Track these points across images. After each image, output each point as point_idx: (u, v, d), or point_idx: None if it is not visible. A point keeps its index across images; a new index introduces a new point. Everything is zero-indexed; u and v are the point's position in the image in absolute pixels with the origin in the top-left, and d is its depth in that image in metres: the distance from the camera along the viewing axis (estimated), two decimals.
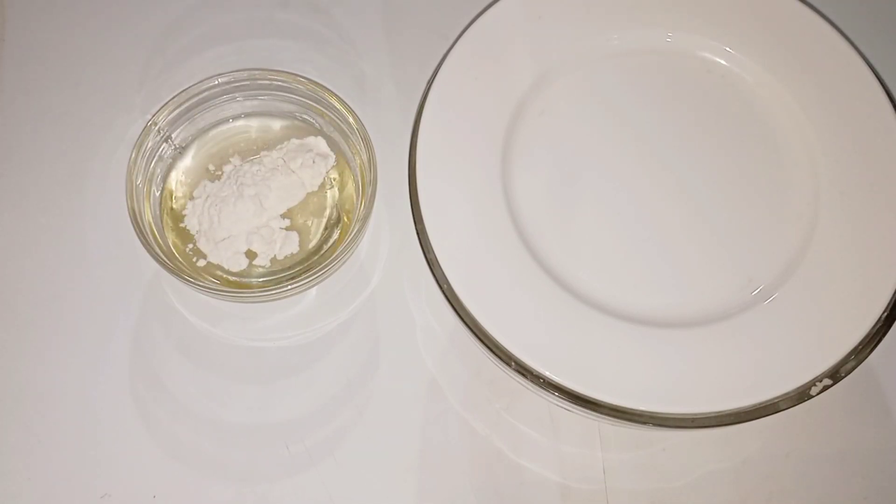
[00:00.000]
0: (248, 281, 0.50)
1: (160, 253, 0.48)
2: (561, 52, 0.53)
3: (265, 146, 0.53)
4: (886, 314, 0.45)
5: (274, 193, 0.50)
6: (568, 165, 0.51)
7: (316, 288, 0.51)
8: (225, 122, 0.54)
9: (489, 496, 0.48)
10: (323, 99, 0.52)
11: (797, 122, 0.51)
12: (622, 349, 0.45)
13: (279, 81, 0.52)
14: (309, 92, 0.52)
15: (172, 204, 0.52)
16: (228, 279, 0.50)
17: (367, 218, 0.49)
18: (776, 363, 0.45)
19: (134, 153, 0.49)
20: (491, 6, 0.52)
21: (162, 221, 0.51)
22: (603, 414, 0.44)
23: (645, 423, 0.44)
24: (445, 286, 0.46)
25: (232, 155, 0.53)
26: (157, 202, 0.51)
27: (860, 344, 0.45)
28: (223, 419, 0.49)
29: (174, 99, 0.51)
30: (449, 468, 0.48)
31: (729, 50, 0.53)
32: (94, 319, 0.51)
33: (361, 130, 0.50)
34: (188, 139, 0.53)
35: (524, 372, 0.44)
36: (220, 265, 0.50)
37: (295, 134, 0.53)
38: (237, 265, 0.50)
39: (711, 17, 0.53)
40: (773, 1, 0.53)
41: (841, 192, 0.49)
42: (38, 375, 0.49)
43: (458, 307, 0.46)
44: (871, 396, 0.50)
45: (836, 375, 0.44)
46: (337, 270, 0.49)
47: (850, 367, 0.45)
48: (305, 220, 0.52)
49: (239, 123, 0.54)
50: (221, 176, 0.52)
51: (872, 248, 0.47)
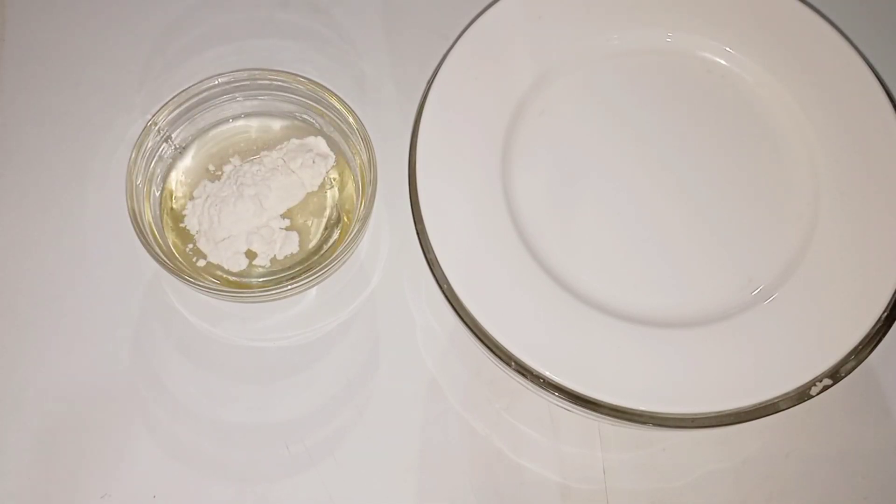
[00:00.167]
0: (248, 281, 0.50)
1: (160, 253, 0.48)
2: (561, 52, 0.53)
3: (265, 146, 0.53)
4: (886, 314, 0.45)
5: (274, 193, 0.50)
6: (568, 165, 0.51)
7: (316, 288, 0.51)
8: (225, 122, 0.54)
9: (489, 496, 0.48)
10: (323, 99, 0.52)
11: (797, 122, 0.51)
12: (622, 349, 0.45)
13: (279, 81, 0.52)
14: (309, 92, 0.52)
15: (172, 204, 0.52)
16: (228, 279, 0.50)
17: (367, 218, 0.49)
18: (776, 363, 0.45)
19: (134, 153, 0.49)
20: (491, 6, 0.52)
21: (162, 221, 0.51)
22: (603, 414, 0.44)
23: (645, 423, 0.44)
24: (445, 286, 0.46)
25: (232, 155, 0.53)
26: (157, 202, 0.51)
27: (860, 344, 0.45)
28: (223, 419, 0.49)
29: (174, 99, 0.51)
30: (449, 468, 0.48)
31: (729, 50, 0.53)
32: (94, 319, 0.51)
33: (361, 130, 0.50)
34: (188, 139, 0.53)
35: (524, 372, 0.44)
36: (219, 265, 0.50)
37: (295, 134, 0.53)
38: (237, 265, 0.50)
39: (711, 17, 0.53)
40: (773, 1, 0.53)
41: (841, 192, 0.49)
42: (38, 375, 0.49)
43: (458, 307, 0.46)
44: (871, 396, 0.50)
45: (836, 375, 0.44)
46: (337, 270, 0.49)
47: (850, 367, 0.45)
48: (305, 220, 0.52)
49: (239, 123, 0.54)
50: (221, 176, 0.52)
51: (872, 248, 0.47)
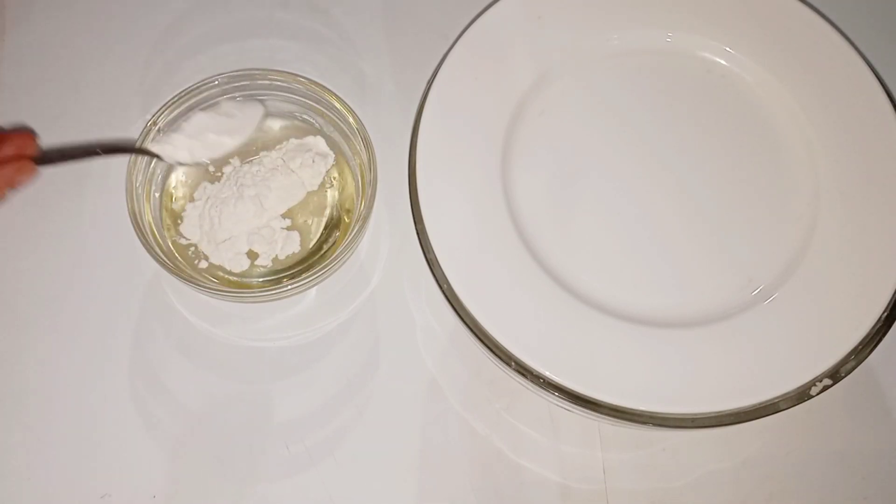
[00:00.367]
0: (248, 281, 0.50)
1: (160, 253, 0.48)
2: (561, 52, 0.53)
3: (265, 146, 0.53)
4: (886, 314, 0.45)
5: (274, 194, 0.50)
6: (568, 165, 0.51)
7: (316, 288, 0.51)
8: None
9: (489, 496, 0.48)
10: (323, 99, 0.52)
11: (797, 122, 0.51)
12: (622, 349, 0.45)
13: (279, 81, 0.52)
14: (309, 92, 0.52)
15: (172, 205, 0.52)
16: (229, 279, 0.50)
17: (367, 218, 0.49)
18: (776, 363, 0.45)
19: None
20: (491, 6, 0.52)
21: (162, 222, 0.51)
22: (603, 414, 0.44)
23: (645, 423, 0.44)
24: (445, 286, 0.46)
25: (232, 156, 0.53)
26: (157, 203, 0.51)
27: (860, 344, 0.45)
28: (223, 419, 0.49)
29: (174, 99, 0.51)
30: (449, 468, 0.48)
31: (729, 50, 0.53)
32: (94, 319, 0.51)
33: (361, 130, 0.50)
34: None
35: (524, 372, 0.44)
36: (221, 266, 0.50)
37: (294, 134, 0.53)
38: (239, 266, 0.50)
39: (711, 17, 0.53)
40: (773, 1, 0.53)
41: (841, 192, 0.49)
42: (38, 375, 0.49)
43: (458, 307, 0.46)
44: (871, 396, 0.50)
45: (836, 375, 0.44)
46: (337, 270, 0.49)
47: (850, 367, 0.45)
48: (306, 219, 0.52)
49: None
50: (221, 177, 0.52)
51: (872, 248, 0.47)
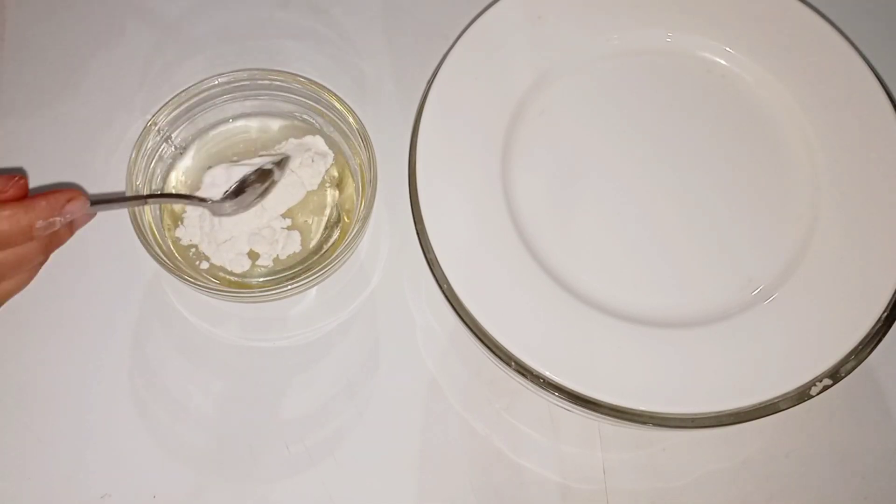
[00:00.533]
0: (247, 281, 0.50)
1: (160, 253, 0.48)
2: (561, 52, 0.53)
3: (264, 146, 0.53)
4: (886, 314, 0.45)
5: (274, 193, 0.50)
6: (568, 165, 0.51)
7: (316, 288, 0.51)
8: (225, 122, 0.53)
9: (489, 496, 0.48)
10: (323, 99, 0.52)
11: (797, 122, 0.51)
12: (622, 349, 0.45)
13: (279, 81, 0.52)
14: (309, 92, 0.52)
15: (172, 206, 0.51)
16: (229, 279, 0.50)
17: (367, 218, 0.49)
18: (776, 363, 0.45)
19: (134, 153, 0.49)
20: (491, 6, 0.52)
21: (162, 222, 0.51)
22: (603, 414, 0.44)
23: (645, 423, 0.44)
24: (445, 286, 0.46)
25: (231, 155, 0.53)
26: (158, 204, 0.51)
27: (860, 344, 0.45)
28: (223, 419, 0.49)
29: (174, 99, 0.51)
30: (449, 468, 0.48)
31: (729, 50, 0.53)
32: (94, 319, 0.51)
33: (361, 130, 0.50)
34: (188, 139, 0.53)
35: (524, 372, 0.44)
36: (223, 267, 0.50)
37: (293, 134, 0.53)
38: (240, 266, 0.50)
39: (711, 17, 0.53)
40: (773, 1, 0.53)
41: (841, 192, 0.49)
42: (38, 375, 0.49)
43: (458, 307, 0.46)
44: (871, 396, 0.50)
45: (836, 375, 0.44)
46: (337, 270, 0.49)
47: (850, 367, 0.45)
48: (306, 218, 0.52)
49: (239, 123, 0.54)
50: None
51: (872, 248, 0.47)
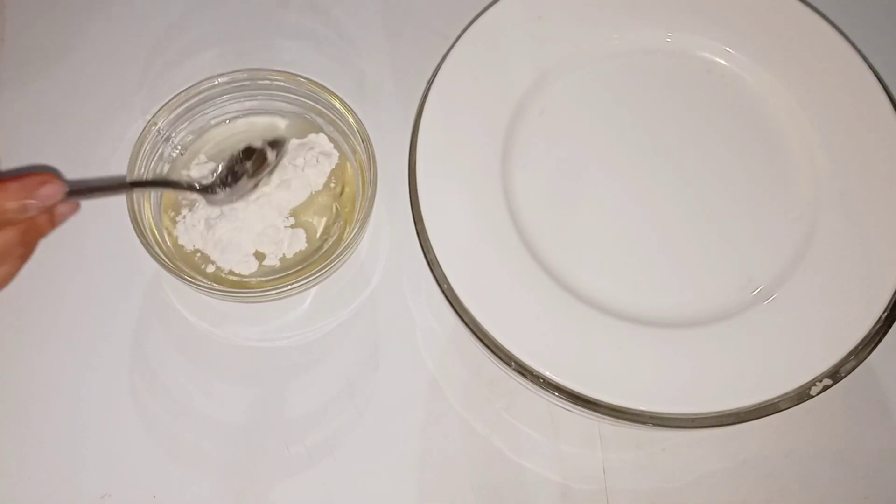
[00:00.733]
0: (247, 281, 0.50)
1: (160, 253, 0.48)
2: (561, 52, 0.53)
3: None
4: (886, 314, 0.45)
5: (277, 193, 0.50)
6: (568, 165, 0.51)
7: (316, 288, 0.51)
8: (225, 122, 0.53)
9: (489, 496, 0.48)
10: (323, 99, 0.52)
11: (797, 122, 0.51)
12: (622, 349, 0.45)
13: (279, 81, 0.52)
14: (309, 92, 0.52)
15: (171, 207, 0.51)
16: (229, 279, 0.50)
17: (367, 218, 0.49)
18: (776, 363, 0.45)
19: (134, 153, 0.49)
20: (491, 6, 0.52)
21: (162, 222, 0.51)
22: (603, 414, 0.44)
23: (645, 423, 0.44)
24: (445, 286, 0.46)
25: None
26: (157, 202, 0.51)
27: (860, 344, 0.45)
28: (223, 419, 0.49)
29: (174, 99, 0.51)
30: (449, 468, 0.48)
31: (729, 50, 0.53)
32: (94, 319, 0.51)
33: (361, 130, 0.50)
34: (188, 139, 0.53)
35: (524, 372, 0.44)
36: (231, 270, 0.50)
37: (294, 133, 0.53)
38: (248, 268, 0.49)
39: (711, 17, 0.53)
40: (773, 1, 0.53)
41: (841, 192, 0.49)
42: (38, 375, 0.49)
43: (458, 307, 0.46)
44: (871, 396, 0.50)
45: (836, 375, 0.44)
46: (337, 270, 0.49)
47: (850, 367, 0.45)
48: (309, 218, 0.51)
49: (239, 123, 0.54)
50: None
51: (872, 247, 0.47)
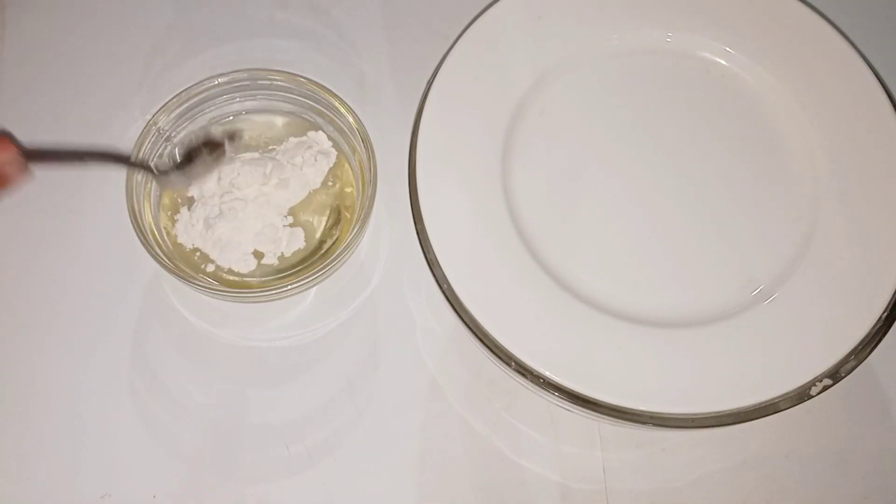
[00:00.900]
0: (247, 280, 0.50)
1: (160, 253, 0.48)
2: (561, 52, 0.53)
3: (264, 145, 0.53)
4: (886, 314, 0.45)
5: (275, 192, 0.50)
6: (568, 165, 0.51)
7: (316, 288, 0.51)
8: (225, 121, 0.53)
9: (489, 496, 0.48)
10: (323, 99, 0.52)
11: (797, 122, 0.51)
12: (622, 349, 0.45)
13: (279, 81, 0.52)
14: (309, 92, 0.52)
15: (170, 207, 0.51)
16: (229, 279, 0.50)
17: (367, 218, 0.49)
18: (776, 363, 0.45)
19: (134, 153, 0.49)
20: (491, 6, 0.52)
21: (161, 221, 0.51)
22: (603, 414, 0.44)
23: (645, 423, 0.44)
24: (445, 286, 0.46)
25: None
26: (157, 202, 0.51)
27: (860, 344, 0.45)
28: (223, 419, 0.49)
29: (174, 99, 0.51)
30: (449, 468, 0.48)
31: (729, 50, 0.53)
32: (94, 319, 0.51)
33: (361, 130, 0.50)
34: (188, 139, 0.53)
35: (524, 372, 0.44)
36: (230, 269, 0.50)
37: (293, 132, 0.53)
38: (247, 267, 0.50)
39: (711, 17, 0.53)
40: (773, 1, 0.53)
41: (841, 192, 0.49)
42: (38, 375, 0.49)
43: (458, 307, 0.46)
44: (871, 396, 0.50)
45: (836, 375, 0.44)
46: (337, 270, 0.49)
47: (850, 367, 0.45)
48: (308, 217, 0.51)
49: (239, 123, 0.54)
50: (220, 179, 0.51)
51: (872, 248, 0.47)
